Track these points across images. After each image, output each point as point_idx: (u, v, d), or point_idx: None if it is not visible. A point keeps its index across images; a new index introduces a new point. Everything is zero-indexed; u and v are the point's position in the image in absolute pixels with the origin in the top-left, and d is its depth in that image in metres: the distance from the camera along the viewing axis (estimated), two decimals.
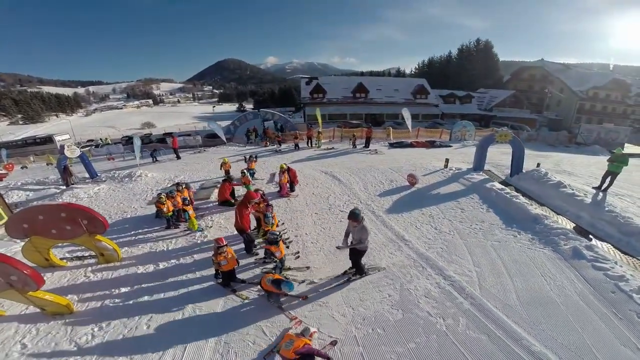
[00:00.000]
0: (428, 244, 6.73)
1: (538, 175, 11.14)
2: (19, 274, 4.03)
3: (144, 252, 6.79)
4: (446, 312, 4.66)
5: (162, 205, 7.32)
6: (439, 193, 10.14)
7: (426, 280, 5.42)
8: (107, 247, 5.98)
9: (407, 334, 4.30)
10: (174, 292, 5.44)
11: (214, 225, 8.06)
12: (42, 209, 5.28)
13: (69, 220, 5.38)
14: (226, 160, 12.58)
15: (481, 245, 6.54)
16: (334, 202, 9.45)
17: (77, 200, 11.32)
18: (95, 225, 5.59)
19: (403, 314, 4.64)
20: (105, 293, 5.44)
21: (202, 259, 6.40)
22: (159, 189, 11.58)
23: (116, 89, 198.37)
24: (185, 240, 7.25)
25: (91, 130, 64.27)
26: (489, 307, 4.69)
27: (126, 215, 9.03)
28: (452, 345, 4.08)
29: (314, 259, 6.31)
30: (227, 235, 7.11)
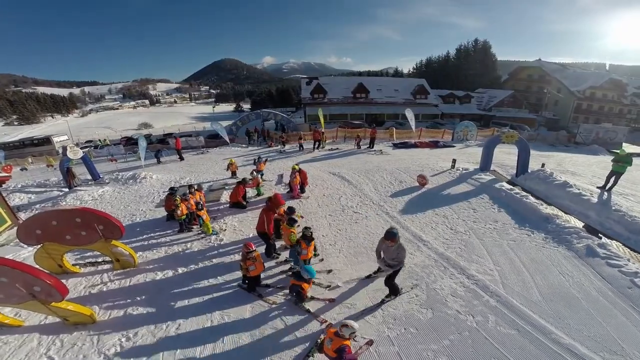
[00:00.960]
0: (446, 244, 6.81)
1: (544, 175, 11.21)
2: (43, 284, 3.87)
3: (160, 256, 6.64)
4: (474, 309, 4.76)
5: (177, 208, 7.16)
6: (449, 193, 10.21)
7: (450, 279, 5.52)
8: (123, 253, 5.82)
9: (439, 332, 4.38)
10: (198, 298, 5.30)
11: (228, 228, 7.94)
12: (56, 215, 5.09)
13: (84, 225, 5.20)
14: (233, 161, 12.45)
15: (498, 245, 6.65)
16: (346, 204, 9.38)
17: (82, 203, 11.13)
18: (112, 230, 5.42)
19: (433, 313, 4.72)
20: (127, 301, 5.28)
21: (222, 263, 6.30)
22: (165, 190, 11.43)
23: (112, 89, 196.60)
24: (201, 244, 7.12)
25: (87, 131, 63.61)
26: (515, 304, 4.83)
27: (135, 219, 8.87)
28: (485, 341, 4.21)
29: (334, 262, 6.26)
30: (245, 239, 7.09)
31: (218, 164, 15.43)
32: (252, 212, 8.89)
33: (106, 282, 5.76)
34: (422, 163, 13.95)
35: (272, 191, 10.68)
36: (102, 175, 14.61)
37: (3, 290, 3.85)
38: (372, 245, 6.70)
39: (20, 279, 3.75)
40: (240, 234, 7.54)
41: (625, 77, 51.12)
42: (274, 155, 17.35)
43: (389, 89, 38.09)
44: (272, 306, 4.99)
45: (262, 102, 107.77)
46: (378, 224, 8.02)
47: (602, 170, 15.64)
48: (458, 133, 22.24)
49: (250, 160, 15.78)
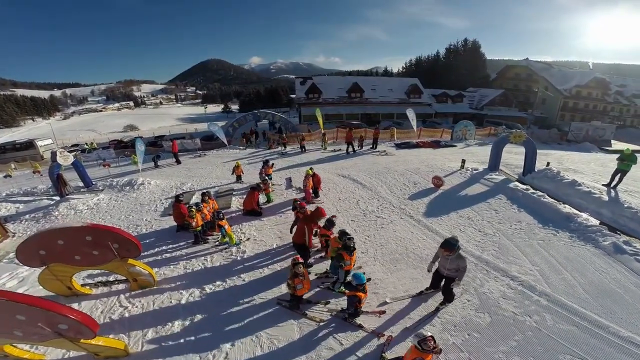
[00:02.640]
0: (480, 247, 6.76)
1: (552, 174, 11.28)
2: (70, 321, 3.29)
3: (179, 273, 6.05)
4: (529, 310, 4.81)
5: (191, 219, 6.56)
6: (466, 195, 10.14)
7: (495, 282, 5.51)
8: (141, 272, 5.21)
9: (503, 334, 4.41)
10: (238, 320, 4.78)
11: (250, 236, 7.45)
12: (62, 233, 4.42)
13: (96, 244, 4.57)
14: (239, 164, 11.88)
15: (529, 245, 6.69)
16: (366, 208, 9.05)
17: (76, 213, 10.37)
18: (128, 248, 4.80)
19: (490, 317, 4.72)
20: (157, 327, 4.66)
21: (252, 279, 5.80)
22: (167, 197, 10.77)
23: (95, 91, 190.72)
24: (222, 257, 6.56)
25: (71, 134, 61.16)
26: (565, 302, 4.93)
27: (141, 230, 8.20)
28: (549, 339, 4.30)
29: (372, 270, 5.97)
30: (269, 250, 6.64)
31: (218, 168, 14.78)
32: (268, 219, 8.43)
33: (126, 306, 5.12)
34: (431, 164, 13.74)
35: (283, 196, 10.21)
36: (95, 181, 13.74)
37: (22, 329, 3.25)
38: (405, 251, 6.69)
39: (41, 317, 3.15)
40: (262, 245, 7.04)
41: (607, 75, 52.86)
42: (275, 157, 16.81)
43: (383, 89, 37.99)
44: (320, 324, 4.64)
45: (250, 102, 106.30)
46: (405, 228, 7.79)
47: (600, 167, 15.90)
48: (457, 132, 22.26)
49: (251, 163, 15.25)
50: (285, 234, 7.46)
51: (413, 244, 6.99)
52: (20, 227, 9.85)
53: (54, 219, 10.08)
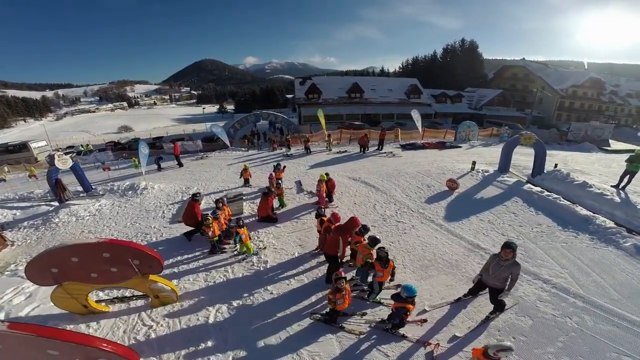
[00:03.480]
0: None
1: (562, 175, 11.26)
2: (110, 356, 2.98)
3: (201, 286, 5.66)
4: (567, 311, 4.86)
5: (207, 228, 6.18)
6: (482, 197, 10.02)
7: (529, 285, 5.50)
8: (164, 288, 4.82)
9: (547, 336, 4.44)
10: (274, 337, 4.46)
11: (265, 246, 7.08)
12: (76, 250, 4.01)
13: (114, 261, 4.19)
14: (247, 167, 11.50)
15: (553, 248, 6.70)
16: (384, 212, 8.80)
17: (77, 220, 9.88)
18: (150, 264, 4.42)
19: (532, 319, 4.74)
20: (190, 350, 4.28)
21: (280, 291, 5.49)
22: (173, 202, 10.35)
23: (88, 91, 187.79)
24: (243, 268, 6.19)
25: (64, 135, 59.99)
26: (601, 303, 4.96)
27: (150, 239, 7.77)
28: (594, 339, 4.35)
29: (403, 278, 5.73)
30: (291, 259, 6.38)
31: (223, 170, 14.35)
32: (285, 226, 8.10)
33: (151, 325, 4.71)
34: (440, 165, 13.54)
35: (296, 200, 9.88)
36: (94, 186, 13.22)
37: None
38: (433, 257, 6.54)
39: (78, 353, 2.78)
40: (283, 254, 6.70)
41: (601, 75, 53.46)
42: (280, 159, 16.44)
43: (383, 89, 37.81)
44: (360, 337, 4.44)
45: (246, 102, 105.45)
46: (428, 233, 7.60)
47: (604, 168, 15.90)
48: (461, 133, 22.12)
49: (256, 165, 14.87)
50: (305, 241, 7.20)
51: (439, 249, 6.85)
52: (19, 235, 9.34)
53: (54, 226, 9.60)
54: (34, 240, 8.86)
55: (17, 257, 7.78)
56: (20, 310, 4.93)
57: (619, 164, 17.13)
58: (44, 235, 8.97)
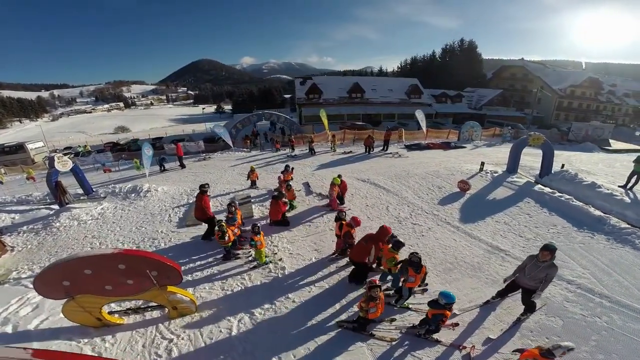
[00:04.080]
0: (527, 252, 6.55)
1: (570, 176, 11.24)
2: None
3: (219, 295, 5.39)
4: (595, 311, 4.89)
5: (221, 231, 5.90)
6: (494, 199, 9.92)
7: (554, 286, 5.44)
8: (182, 300, 4.55)
9: (580, 335, 4.47)
10: (303, 350, 4.23)
11: (281, 252, 6.83)
12: (89, 262, 3.73)
13: (130, 273, 3.93)
14: (254, 168, 11.24)
15: (572, 249, 6.73)
16: (398, 215, 8.63)
17: (80, 224, 9.56)
18: (169, 275, 4.15)
19: (562, 320, 4.79)
20: None
21: (303, 300, 5.28)
22: (178, 205, 10.05)
23: (83, 92, 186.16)
24: (261, 275, 5.94)
25: (60, 136, 59.27)
26: (628, 303, 5.00)
27: (159, 244, 7.46)
28: (625, 337, 4.39)
29: (428, 282, 5.60)
30: (309, 264, 6.16)
31: (227, 172, 14.04)
32: (298, 229, 7.87)
33: (171, 339, 4.41)
34: (448, 166, 13.37)
35: (306, 202, 9.62)
36: (95, 188, 12.87)
37: None
38: (455, 260, 6.46)
39: None
40: (300, 259, 6.46)
41: (599, 75, 53.74)
42: (284, 159, 16.19)
43: (383, 89, 37.64)
44: (392, 343, 4.33)
45: (243, 103, 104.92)
46: (446, 235, 7.49)
47: (609, 168, 15.86)
48: (464, 133, 22.02)
49: (260, 167, 14.59)
50: (321, 245, 7.00)
51: (460, 252, 6.77)
52: (19, 240, 9.01)
53: (55, 230, 9.26)
54: (34, 245, 8.53)
55: (18, 264, 7.46)
56: (28, 322, 4.63)
57: (622, 164, 17.15)
58: (45, 241, 8.64)
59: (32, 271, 6.90)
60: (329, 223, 8.12)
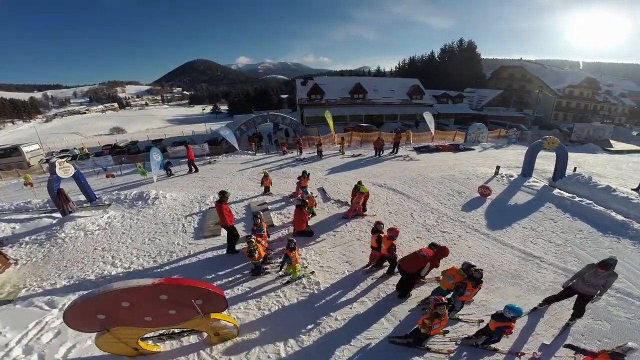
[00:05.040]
0: (559, 258, 6.78)
1: (584, 179, 11.19)
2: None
3: (257, 316, 5.03)
4: (637, 314, 5.00)
5: (250, 248, 5.50)
6: (516, 204, 9.78)
7: None
8: (226, 325, 4.18)
9: (630, 337, 4.52)
10: None
11: (311, 265, 6.48)
12: (127, 294, 3.34)
13: (173, 303, 3.57)
14: (267, 173, 10.81)
15: (601, 254, 6.65)
16: (424, 222, 8.37)
17: (86, 235, 9.02)
18: (214, 303, 3.80)
19: (609, 323, 4.89)
20: None
21: (347, 317, 5.03)
22: (190, 213, 9.59)
23: (77, 92, 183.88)
24: (296, 292, 5.60)
25: (54, 137, 58.01)
26: None
27: (178, 258, 6.99)
28: None
29: None
30: (343, 278, 5.91)
31: (236, 177, 13.57)
32: (323, 240, 7.53)
33: None
34: (462, 170, 13.11)
35: (325, 210, 9.23)
36: (98, 194, 12.31)
37: None
38: (492, 268, 6.40)
39: None
40: (332, 273, 6.13)
41: (595, 75, 54.17)
42: (291, 162, 15.78)
43: (385, 90, 37.36)
44: (450, 355, 4.31)
45: (240, 103, 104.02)
46: (477, 243, 7.34)
47: (617, 170, 15.81)
48: (471, 135, 21.83)
49: (269, 170, 14.14)
50: (351, 257, 6.71)
51: (495, 260, 6.69)
52: (22, 252, 8.47)
53: (60, 242, 8.74)
54: (39, 258, 8.01)
55: (25, 280, 6.96)
56: (55, 351, 4.19)
57: (628, 165, 17.12)
58: (51, 253, 8.13)
59: (42, 288, 6.41)
60: (354, 232, 7.82)
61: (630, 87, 57.92)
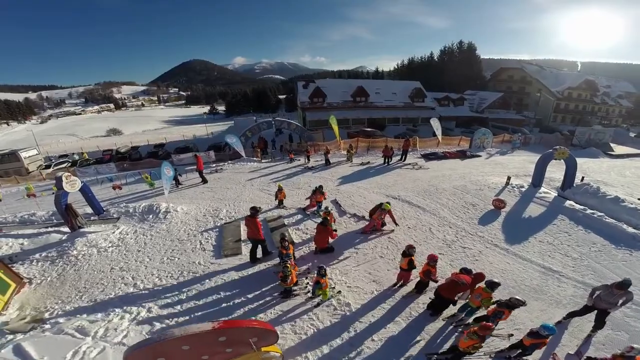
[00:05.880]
0: (577, 271, 6.99)
1: (593, 190, 11.31)
2: None
3: (295, 340, 5.05)
4: None
5: (285, 274, 5.52)
6: (529, 216, 9.88)
7: None
8: (274, 356, 4.26)
9: None
10: None
11: (338, 285, 6.44)
12: (188, 339, 3.39)
13: (230, 343, 3.66)
14: (281, 187, 10.67)
15: (616, 267, 7.05)
16: (444, 237, 8.39)
17: (99, 252, 8.79)
18: (267, 338, 3.95)
19: (627, 333, 5.22)
20: None
21: (384, 337, 5.16)
22: (206, 229, 9.40)
23: (73, 93, 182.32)
24: (328, 314, 5.63)
25: (49, 139, 57.14)
26: None
27: (202, 278, 6.81)
28: None
29: None
30: (374, 297, 5.99)
31: (246, 187, 13.37)
32: (346, 257, 7.47)
33: None
34: (473, 179, 13.10)
35: (343, 225, 9.12)
36: (105, 206, 12.03)
37: None
38: (515, 284, 6.57)
39: None
40: (361, 293, 6.18)
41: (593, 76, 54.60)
42: (300, 171, 15.63)
43: (387, 92, 37.30)
44: None
45: (237, 103, 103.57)
46: (498, 259, 7.46)
47: (621, 177, 15.93)
48: (476, 141, 21.85)
49: (277, 180, 14.00)
50: (377, 275, 6.75)
51: (517, 275, 6.87)
52: (34, 270, 8.24)
53: (73, 259, 8.54)
54: (54, 277, 7.81)
55: (45, 302, 6.76)
56: None
57: (630, 171, 17.23)
58: (66, 272, 7.93)
59: (65, 312, 6.24)
60: (376, 249, 7.80)
61: (627, 88, 58.52)
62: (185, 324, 5.42)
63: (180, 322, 5.53)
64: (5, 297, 6.83)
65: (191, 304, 6.00)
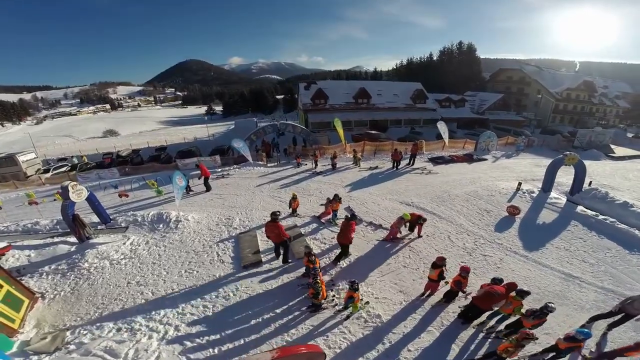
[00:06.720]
0: (596, 277, 7.16)
1: (601, 195, 11.43)
2: None
3: (330, 355, 5.01)
4: None
5: (316, 291, 5.47)
6: (543, 223, 9.96)
7: None
8: None
9: None
10: None
11: (364, 295, 6.39)
12: None
13: None
14: (295, 195, 10.52)
15: (632, 272, 7.25)
16: (464, 245, 8.40)
17: (112, 264, 8.56)
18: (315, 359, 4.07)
19: None
20: None
21: (419, 348, 5.23)
22: (220, 240, 9.20)
23: (68, 94, 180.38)
24: (359, 326, 5.61)
25: (45, 140, 56.37)
26: None
27: (226, 294, 6.65)
28: None
29: None
30: (403, 309, 6.04)
31: (256, 194, 13.16)
32: (369, 268, 7.38)
33: None
34: (483, 185, 13.10)
35: (361, 233, 8.98)
36: (111, 214, 11.68)
37: None
38: (539, 290, 6.66)
39: None
40: (390, 304, 6.17)
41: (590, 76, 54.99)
42: (308, 176, 15.44)
43: (389, 94, 37.22)
44: None
45: (235, 104, 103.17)
46: (519, 266, 7.55)
47: (626, 181, 15.97)
48: (481, 144, 21.87)
49: (287, 186, 13.85)
50: (403, 286, 6.76)
51: (539, 281, 7.02)
52: (45, 284, 7.99)
53: (85, 272, 8.28)
54: (68, 292, 7.57)
55: (63, 318, 6.55)
56: None
57: (634, 174, 17.30)
58: (80, 286, 7.69)
59: (87, 330, 6.00)
60: (399, 259, 7.76)
61: (624, 88, 59.08)
62: (217, 343, 5.31)
63: (211, 340, 5.40)
64: (20, 314, 6.62)
65: (220, 321, 5.86)
